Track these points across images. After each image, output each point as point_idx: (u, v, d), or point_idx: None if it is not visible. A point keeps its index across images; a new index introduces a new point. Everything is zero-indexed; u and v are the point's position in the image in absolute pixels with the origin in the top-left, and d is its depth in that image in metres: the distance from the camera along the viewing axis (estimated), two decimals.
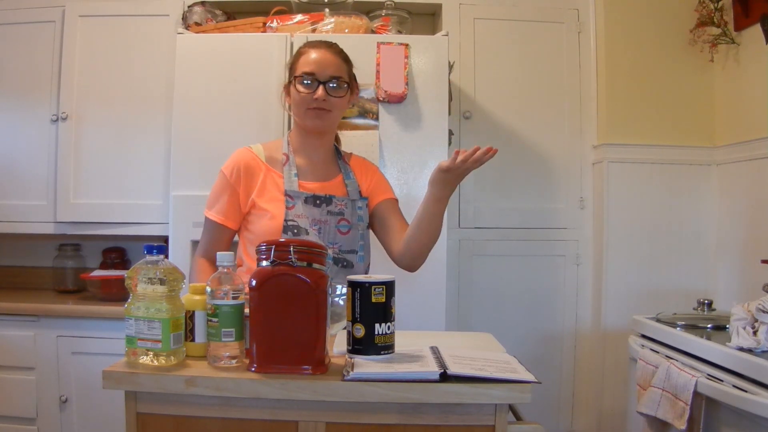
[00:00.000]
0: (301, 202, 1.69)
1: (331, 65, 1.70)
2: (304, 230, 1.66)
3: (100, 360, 1.55)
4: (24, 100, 2.79)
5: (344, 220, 1.72)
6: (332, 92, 1.69)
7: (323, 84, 1.68)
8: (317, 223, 1.68)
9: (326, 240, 1.69)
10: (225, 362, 1.25)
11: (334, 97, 1.70)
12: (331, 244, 1.69)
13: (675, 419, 1.78)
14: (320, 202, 1.70)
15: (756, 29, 2.46)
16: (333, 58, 1.71)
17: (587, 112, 2.89)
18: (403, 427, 1.19)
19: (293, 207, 1.68)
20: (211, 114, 2.44)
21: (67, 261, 2.94)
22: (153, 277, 1.24)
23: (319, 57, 1.70)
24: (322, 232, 1.69)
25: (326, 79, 1.69)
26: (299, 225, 1.66)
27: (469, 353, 1.33)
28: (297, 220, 1.67)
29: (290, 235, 1.65)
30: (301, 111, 1.71)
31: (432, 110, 2.44)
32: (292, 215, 1.67)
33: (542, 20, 2.89)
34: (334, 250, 1.69)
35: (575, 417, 2.89)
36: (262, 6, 2.70)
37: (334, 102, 1.70)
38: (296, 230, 1.66)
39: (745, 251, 2.56)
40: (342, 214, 1.72)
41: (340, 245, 1.71)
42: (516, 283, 2.88)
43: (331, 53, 1.72)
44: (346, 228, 1.72)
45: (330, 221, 1.70)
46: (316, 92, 1.68)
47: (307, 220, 1.67)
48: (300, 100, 1.70)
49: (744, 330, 1.72)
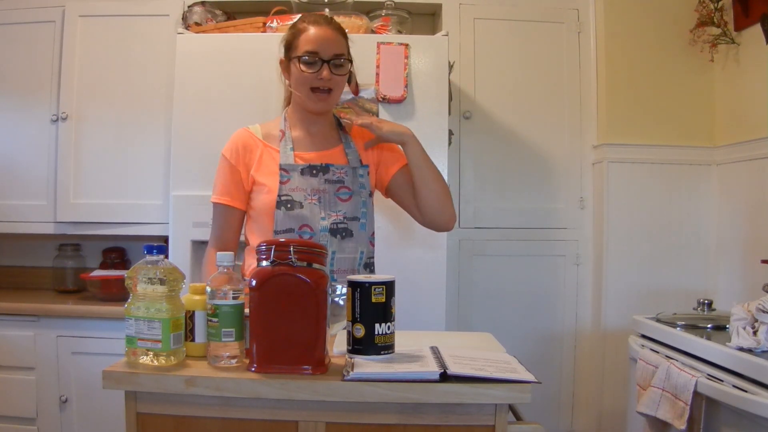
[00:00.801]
0: (297, 174, 1.69)
1: (333, 42, 1.69)
2: (298, 203, 1.67)
3: (100, 360, 1.55)
4: (24, 100, 2.79)
5: (344, 187, 1.72)
6: (336, 71, 1.69)
7: (327, 63, 1.68)
8: (316, 193, 1.69)
9: (328, 208, 1.69)
10: (225, 362, 1.25)
11: (337, 75, 1.70)
12: (333, 211, 1.70)
13: (675, 419, 1.78)
14: (317, 172, 1.70)
15: (756, 29, 2.46)
16: (334, 35, 1.70)
17: (587, 112, 2.89)
18: (403, 427, 1.19)
19: (288, 181, 1.68)
20: (211, 114, 2.44)
21: (67, 261, 2.94)
22: (153, 277, 1.24)
23: (321, 34, 1.69)
24: (323, 200, 1.69)
25: (330, 57, 1.68)
26: (293, 198, 1.67)
27: (469, 353, 1.33)
28: (291, 194, 1.67)
29: (283, 209, 1.66)
30: (304, 91, 1.71)
31: (432, 110, 2.44)
32: (287, 189, 1.68)
33: (542, 20, 2.89)
34: (337, 217, 1.69)
35: (575, 417, 2.89)
36: (262, 6, 2.70)
37: (337, 80, 1.70)
38: (289, 204, 1.67)
39: (745, 251, 2.56)
40: (342, 182, 1.72)
41: (344, 212, 1.71)
42: (516, 283, 2.88)
43: (332, 29, 1.71)
44: (346, 195, 1.72)
45: (329, 189, 1.70)
46: (320, 72, 1.67)
47: (303, 193, 1.68)
48: (303, 80, 1.69)
49: (744, 330, 1.72)
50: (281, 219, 1.66)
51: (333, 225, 1.69)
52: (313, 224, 1.67)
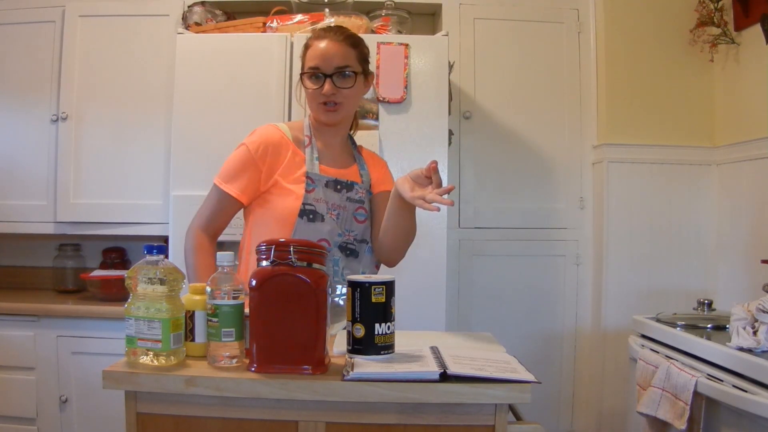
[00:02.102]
0: (321, 186, 1.67)
1: (336, 55, 1.66)
2: (320, 216, 1.65)
3: (100, 360, 1.55)
4: (24, 100, 2.79)
5: (362, 208, 1.71)
6: (339, 84, 1.66)
7: (329, 77, 1.66)
8: (336, 209, 1.67)
9: (343, 227, 1.69)
10: (225, 362, 1.25)
11: (342, 88, 1.67)
12: (347, 231, 1.69)
13: (675, 419, 1.78)
14: (341, 188, 1.69)
15: (756, 29, 2.46)
16: (337, 47, 1.67)
17: (587, 112, 2.89)
18: (403, 427, 1.19)
19: (313, 190, 1.66)
20: (211, 114, 2.44)
21: (67, 261, 2.94)
22: (153, 277, 1.24)
23: (323, 49, 1.67)
24: (340, 218, 1.68)
25: (331, 71, 1.66)
26: (316, 210, 1.65)
27: (469, 353, 1.33)
28: (315, 204, 1.65)
29: (305, 219, 1.63)
30: (313, 105, 1.71)
31: (432, 110, 2.44)
32: (311, 199, 1.65)
33: (542, 20, 2.89)
34: (349, 237, 1.69)
35: (575, 417, 2.89)
36: (262, 6, 2.70)
37: (344, 93, 1.67)
38: (312, 215, 1.65)
39: (745, 251, 2.56)
40: (362, 203, 1.71)
41: (356, 234, 1.70)
42: (516, 283, 2.88)
43: (336, 42, 1.68)
44: (363, 217, 1.71)
45: (348, 207, 1.69)
46: (323, 87, 1.66)
47: (325, 205, 1.66)
48: (310, 96, 1.70)
49: (744, 330, 1.72)
50: (301, 228, 1.64)
51: (343, 243, 1.69)
52: (331, 239, 1.66)
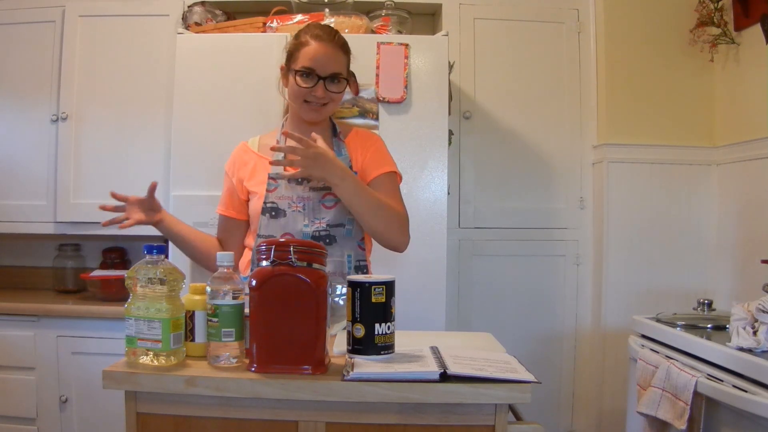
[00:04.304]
0: (284, 183, 1.74)
1: (332, 60, 1.70)
2: (282, 211, 1.73)
3: (100, 360, 1.56)
4: (24, 100, 2.79)
5: (330, 194, 1.73)
6: (331, 88, 1.71)
7: (323, 80, 1.69)
8: (301, 200, 1.73)
9: (311, 215, 1.73)
10: (225, 362, 1.25)
11: (332, 92, 1.72)
12: (317, 219, 1.73)
13: (675, 419, 1.78)
14: (302, 180, 1.73)
15: (756, 29, 2.46)
16: (334, 53, 1.71)
17: (587, 113, 2.89)
18: (403, 427, 1.19)
19: (274, 189, 1.74)
20: (211, 114, 2.44)
21: (67, 261, 2.94)
22: (153, 277, 1.24)
23: (321, 51, 1.69)
24: (306, 208, 1.73)
25: (326, 75, 1.70)
26: (278, 206, 1.73)
27: (469, 353, 1.33)
28: (277, 201, 1.73)
29: (267, 216, 1.72)
30: (297, 102, 1.74)
31: (432, 110, 2.44)
32: (273, 197, 1.73)
33: (542, 20, 2.89)
34: (319, 224, 1.72)
35: (575, 417, 2.89)
36: (262, 6, 2.70)
37: (332, 96, 1.73)
38: (274, 212, 1.73)
39: (744, 251, 2.56)
40: (328, 189, 1.72)
41: (327, 219, 1.73)
42: (516, 283, 2.88)
43: (333, 47, 1.71)
44: (331, 202, 1.73)
45: (313, 197, 1.73)
46: (315, 89, 1.69)
47: (288, 200, 1.73)
48: (298, 93, 1.72)
49: (744, 330, 1.72)
50: (264, 225, 1.73)
51: (315, 232, 1.72)
52: (295, 232, 1.72)
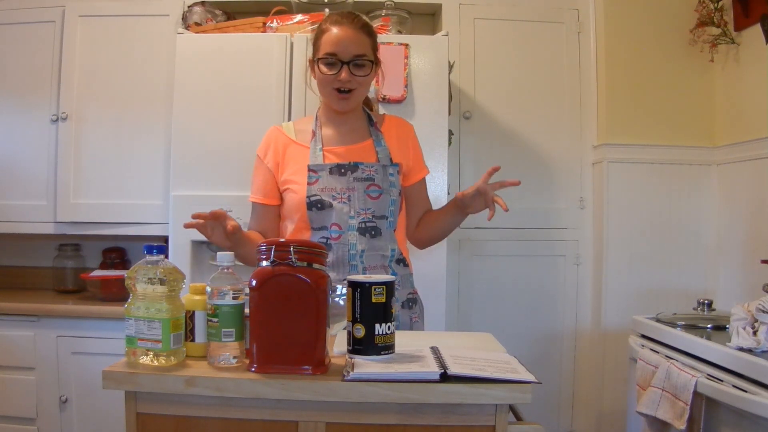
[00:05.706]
0: (326, 174, 1.71)
1: (354, 43, 1.68)
2: (328, 203, 1.70)
3: (100, 360, 1.56)
4: (24, 100, 2.79)
5: (374, 185, 1.72)
6: (356, 71, 1.69)
7: (347, 64, 1.68)
8: (346, 192, 1.71)
9: (357, 206, 1.71)
10: (225, 362, 1.25)
11: (358, 76, 1.69)
12: (362, 210, 1.71)
13: (675, 419, 1.78)
14: (345, 170, 1.71)
15: (756, 29, 2.46)
16: (355, 35, 1.69)
17: (587, 112, 2.89)
18: (403, 427, 1.19)
19: (316, 181, 1.71)
20: (211, 114, 2.44)
21: (67, 261, 2.94)
22: (153, 277, 1.24)
23: (341, 35, 1.68)
24: (352, 199, 1.71)
25: (349, 58, 1.68)
26: (322, 199, 1.70)
27: (469, 353, 1.33)
28: (320, 194, 1.70)
29: (314, 210, 1.69)
30: (326, 91, 1.73)
31: (432, 110, 2.44)
32: (315, 190, 1.70)
33: (542, 20, 2.89)
34: (366, 215, 1.71)
35: (575, 417, 2.89)
36: (262, 6, 2.70)
37: (358, 80, 1.70)
38: (320, 204, 1.70)
39: (745, 251, 2.56)
40: (372, 180, 1.72)
41: (373, 210, 1.72)
42: (516, 283, 2.88)
43: (354, 29, 1.70)
44: (376, 193, 1.72)
45: (358, 188, 1.71)
46: (339, 74, 1.68)
47: (332, 192, 1.70)
48: (324, 81, 1.71)
49: (744, 330, 1.72)
50: (315, 218, 1.70)
51: (361, 224, 1.70)
52: (342, 223, 1.70)
